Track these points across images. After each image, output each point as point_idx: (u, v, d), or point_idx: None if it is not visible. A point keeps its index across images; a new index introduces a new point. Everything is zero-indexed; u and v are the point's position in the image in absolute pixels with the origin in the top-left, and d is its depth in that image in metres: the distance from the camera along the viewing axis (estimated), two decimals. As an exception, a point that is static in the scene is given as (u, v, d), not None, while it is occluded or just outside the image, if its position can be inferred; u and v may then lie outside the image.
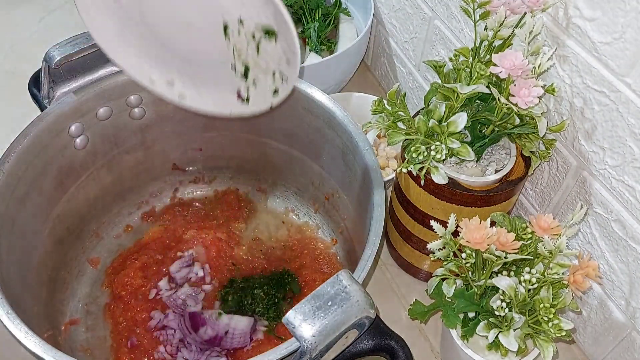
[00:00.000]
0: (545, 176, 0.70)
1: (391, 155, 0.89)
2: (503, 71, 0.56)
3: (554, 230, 0.55)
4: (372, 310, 0.48)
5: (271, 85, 0.60)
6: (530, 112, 0.58)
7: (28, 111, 0.72)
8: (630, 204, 0.59)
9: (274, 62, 0.58)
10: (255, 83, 0.61)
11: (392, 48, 0.97)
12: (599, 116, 0.59)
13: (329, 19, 1.00)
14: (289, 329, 0.46)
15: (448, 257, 0.59)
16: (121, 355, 0.70)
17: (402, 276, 0.81)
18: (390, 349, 0.52)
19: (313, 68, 0.88)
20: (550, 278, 0.55)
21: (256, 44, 0.58)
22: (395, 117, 0.64)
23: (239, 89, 0.62)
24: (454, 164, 0.66)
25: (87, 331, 0.73)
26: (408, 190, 0.69)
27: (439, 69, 0.65)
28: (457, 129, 0.60)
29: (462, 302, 0.59)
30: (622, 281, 0.63)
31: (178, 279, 0.76)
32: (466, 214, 0.64)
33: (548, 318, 0.54)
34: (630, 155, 0.57)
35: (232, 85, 0.63)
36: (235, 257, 0.79)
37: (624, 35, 0.53)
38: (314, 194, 0.81)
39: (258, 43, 0.58)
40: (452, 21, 0.77)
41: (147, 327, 0.72)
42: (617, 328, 0.66)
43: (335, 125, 0.69)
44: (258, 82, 0.61)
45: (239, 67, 0.61)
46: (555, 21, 0.60)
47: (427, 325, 0.76)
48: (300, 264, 0.78)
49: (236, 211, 0.84)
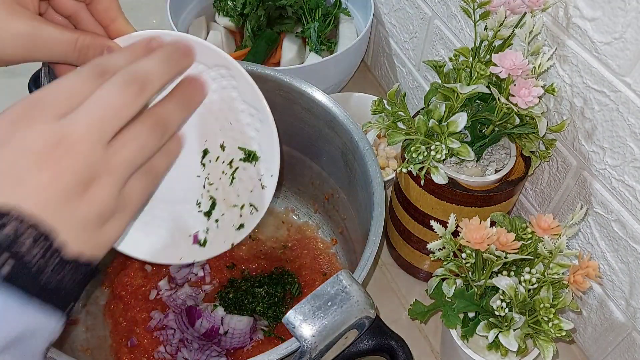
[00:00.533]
0: (545, 176, 0.70)
1: (391, 155, 0.89)
2: (503, 71, 0.56)
3: (554, 230, 0.55)
4: (372, 310, 0.48)
5: (236, 221, 0.55)
6: (530, 112, 0.58)
7: (28, 111, 0.72)
8: (630, 204, 0.59)
9: (246, 192, 0.54)
10: (217, 223, 0.56)
11: (392, 48, 0.97)
12: (599, 116, 0.59)
13: (329, 19, 1.00)
14: (289, 329, 0.46)
15: (448, 257, 0.59)
16: (121, 355, 0.70)
17: (402, 276, 0.81)
18: (390, 349, 0.52)
19: (313, 68, 0.88)
20: (550, 278, 0.55)
21: (232, 172, 0.54)
22: (395, 117, 0.64)
23: (197, 232, 0.55)
24: (454, 164, 0.66)
25: (87, 331, 0.73)
26: (408, 190, 0.69)
27: (439, 69, 0.65)
28: (457, 129, 0.60)
29: (462, 302, 0.59)
30: (622, 281, 0.63)
31: (178, 279, 0.76)
32: (466, 214, 0.64)
33: (548, 318, 0.54)
34: (630, 155, 0.57)
35: (190, 228, 0.56)
36: (235, 257, 0.78)
37: (624, 35, 0.53)
38: (314, 194, 0.81)
39: (234, 171, 0.54)
40: (452, 21, 0.77)
41: (147, 327, 0.72)
42: (617, 328, 0.66)
43: (335, 125, 0.69)
44: (221, 222, 0.56)
45: (204, 203, 0.55)
46: (555, 21, 0.60)
47: (427, 325, 0.76)
48: (300, 264, 0.78)
49: (236, 211, 0.84)
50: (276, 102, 0.74)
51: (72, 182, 0.34)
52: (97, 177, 0.35)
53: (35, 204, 0.33)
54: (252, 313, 0.72)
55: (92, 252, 0.36)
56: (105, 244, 0.37)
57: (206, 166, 0.53)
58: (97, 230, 0.36)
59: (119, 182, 0.36)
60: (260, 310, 0.72)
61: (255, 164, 0.53)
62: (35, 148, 0.34)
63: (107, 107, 0.36)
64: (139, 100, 0.37)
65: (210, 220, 0.56)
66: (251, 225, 0.55)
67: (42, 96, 0.36)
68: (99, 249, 0.37)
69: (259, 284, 0.74)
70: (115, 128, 0.36)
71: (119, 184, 0.36)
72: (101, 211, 0.36)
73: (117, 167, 0.36)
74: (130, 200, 0.38)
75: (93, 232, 0.36)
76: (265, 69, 0.72)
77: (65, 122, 0.35)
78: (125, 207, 0.38)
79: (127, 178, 0.37)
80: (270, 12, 0.99)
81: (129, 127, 0.37)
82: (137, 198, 0.38)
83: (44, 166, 0.34)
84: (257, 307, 0.72)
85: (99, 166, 0.35)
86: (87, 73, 0.37)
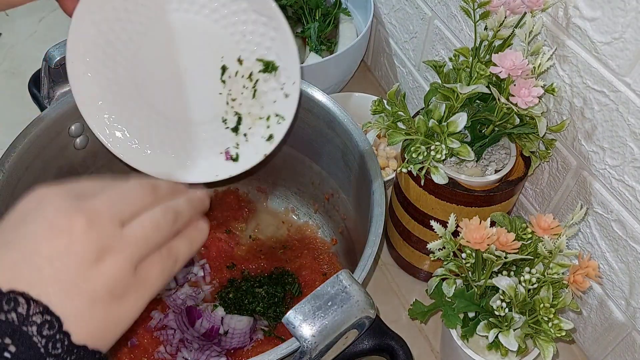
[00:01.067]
0: (545, 176, 0.70)
1: (391, 155, 0.89)
2: (503, 71, 0.56)
3: (554, 230, 0.55)
4: (372, 310, 0.48)
5: (265, 133, 0.57)
6: (530, 112, 0.58)
7: (28, 111, 0.72)
8: (630, 204, 0.59)
9: (270, 103, 0.55)
10: (247, 136, 0.58)
11: (392, 48, 0.97)
12: (599, 116, 0.59)
13: (329, 19, 1.00)
14: (289, 329, 0.46)
15: (448, 257, 0.59)
16: (121, 356, 0.70)
17: (402, 276, 0.81)
18: (390, 349, 0.52)
19: (313, 68, 0.88)
20: (550, 278, 0.55)
21: (253, 85, 0.55)
22: (395, 117, 0.64)
23: (227, 148, 0.58)
24: (454, 164, 0.66)
25: (87, 331, 0.72)
26: (408, 190, 0.69)
27: (439, 69, 0.65)
28: (457, 129, 0.60)
29: (462, 302, 0.59)
30: (622, 281, 0.63)
31: (178, 279, 0.76)
32: (466, 214, 0.64)
33: (548, 318, 0.54)
34: (630, 155, 0.57)
35: (220, 146, 0.59)
36: (235, 257, 0.78)
37: (624, 35, 0.53)
38: (314, 194, 0.81)
39: (255, 84, 0.55)
40: (452, 21, 0.77)
41: (147, 327, 0.72)
42: (617, 328, 0.66)
43: (335, 125, 0.69)
44: (250, 135, 0.58)
45: (231, 120, 0.57)
46: (555, 21, 0.60)
47: (427, 325, 0.76)
48: (300, 264, 0.78)
49: (236, 211, 0.84)
50: (276, 102, 0.74)
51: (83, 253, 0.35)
52: (109, 251, 0.36)
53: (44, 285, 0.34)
54: (252, 313, 0.72)
55: (101, 334, 0.36)
56: (116, 325, 0.38)
57: (226, 83, 0.54)
58: (108, 308, 0.36)
59: (133, 257, 0.37)
60: (260, 310, 0.72)
61: (275, 74, 0.54)
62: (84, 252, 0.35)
63: (152, 226, 0.38)
64: (172, 227, 0.40)
65: (239, 136, 0.57)
66: (280, 135, 0.56)
67: (120, 198, 0.38)
68: (110, 331, 0.37)
69: (259, 284, 0.74)
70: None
71: (132, 258, 0.37)
72: (113, 285, 0.36)
73: (130, 241, 0.37)
74: (147, 280, 0.38)
75: (104, 310, 0.36)
76: (265, 69, 0.72)
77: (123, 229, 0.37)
78: (141, 287, 0.38)
79: (142, 256, 0.38)
80: (270, 12, 0.99)
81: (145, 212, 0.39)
82: (154, 278, 0.39)
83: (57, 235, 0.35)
84: (257, 307, 0.72)
85: (112, 240, 0.36)
86: (148, 190, 0.40)
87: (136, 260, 0.37)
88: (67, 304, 0.34)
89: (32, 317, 0.33)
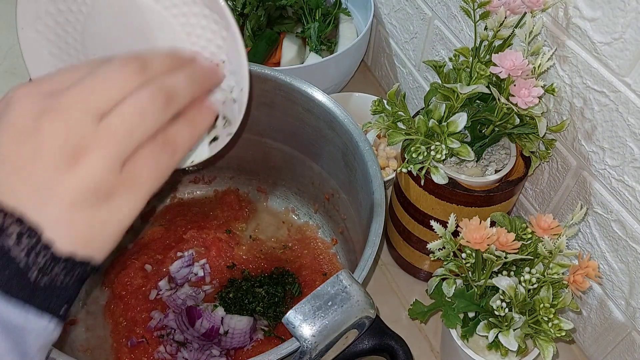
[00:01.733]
0: (545, 176, 0.70)
1: (391, 155, 0.89)
2: (503, 71, 0.56)
3: (554, 230, 0.55)
4: (372, 310, 0.48)
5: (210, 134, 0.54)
6: (530, 112, 0.58)
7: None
8: (630, 204, 0.59)
9: (219, 103, 0.52)
10: None
11: (392, 48, 0.97)
12: (599, 116, 0.59)
13: (329, 19, 1.00)
14: (289, 329, 0.46)
15: (448, 257, 0.59)
16: (121, 355, 0.70)
17: (402, 276, 0.81)
18: (390, 349, 0.52)
19: (313, 68, 0.88)
20: (550, 278, 0.55)
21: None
22: (395, 117, 0.64)
23: None
24: (454, 164, 0.66)
25: (87, 331, 0.73)
26: (408, 190, 0.69)
27: (439, 69, 0.65)
28: (457, 129, 0.60)
29: (462, 302, 0.59)
30: (622, 281, 0.63)
31: (178, 279, 0.76)
32: (466, 214, 0.64)
33: (548, 318, 0.54)
34: (630, 155, 0.57)
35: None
36: (235, 257, 0.78)
37: (624, 36, 0.53)
38: (314, 194, 0.81)
39: None
40: (452, 21, 0.77)
41: (147, 327, 0.72)
42: (617, 328, 0.66)
43: (335, 125, 0.69)
44: None
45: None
46: (555, 21, 0.60)
47: (427, 325, 0.76)
48: (300, 264, 0.78)
49: (236, 211, 0.84)
50: (276, 102, 0.74)
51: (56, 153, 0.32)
52: (85, 149, 0.32)
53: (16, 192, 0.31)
54: (252, 313, 0.72)
55: (89, 239, 0.33)
56: (106, 229, 0.34)
57: None
58: (93, 211, 0.32)
59: (115, 153, 0.32)
60: (260, 310, 0.72)
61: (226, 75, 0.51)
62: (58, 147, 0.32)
63: (135, 114, 0.33)
64: (164, 112, 0.35)
65: None
66: (224, 139, 0.53)
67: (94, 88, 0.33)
68: (99, 235, 0.33)
69: (259, 284, 0.74)
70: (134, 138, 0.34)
71: (114, 155, 0.32)
72: (94, 187, 0.32)
73: (109, 136, 0.32)
74: (138, 177, 0.34)
75: (88, 213, 0.32)
76: (265, 69, 0.72)
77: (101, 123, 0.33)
78: (132, 185, 0.33)
79: (128, 149, 0.33)
80: (270, 12, 0.99)
81: (128, 98, 0.34)
82: (147, 173, 0.34)
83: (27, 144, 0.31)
84: (257, 307, 0.72)
85: (87, 137, 0.32)
86: (133, 70, 0.35)
87: (121, 156, 0.33)
88: (44, 211, 0.31)
89: (7, 230, 0.31)
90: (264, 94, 0.74)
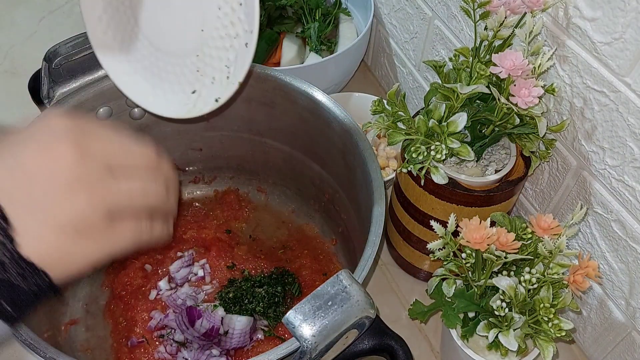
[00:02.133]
0: (545, 176, 0.70)
1: (391, 155, 0.89)
2: (503, 71, 0.56)
3: (554, 230, 0.55)
4: (372, 310, 0.48)
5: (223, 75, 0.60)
6: (530, 112, 0.58)
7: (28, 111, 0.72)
8: (630, 204, 0.59)
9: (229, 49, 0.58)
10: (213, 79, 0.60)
11: (392, 48, 0.97)
12: (599, 116, 0.59)
13: (329, 19, 1.00)
14: (289, 329, 0.46)
15: (448, 257, 0.59)
16: (121, 355, 0.70)
17: (402, 276, 0.81)
18: (390, 349, 0.52)
19: (313, 68, 0.88)
20: (550, 278, 0.55)
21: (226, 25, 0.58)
22: (395, 117, 0.64)
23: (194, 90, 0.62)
24: (454, 164, 0.66)
25: (87, 331, 0.73)
26: (408, 190, 0.69)
27: (439, 69, 0.65)
28: (457, 129, 0.60)
29: (462, 302, 0.59)
30: (622, 281, 0.63)
31: (178, 279, 0.76)
32: (466, 214, 0.64)
33: (548, 318, 0.54)
34: (630, 155, 0.57)
35: (189, 85, 0.61)
36: (235, 257, 0.78)
37: (624, 35, 0.53)
38: (314, 194, 0.81)
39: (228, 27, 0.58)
40: (452, 21, 0.77)
41: (147, 327, 0.72)
42: (617, 328, 0.66)
43: (335, 125, 0.69)
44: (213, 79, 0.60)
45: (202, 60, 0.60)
46: (555, 21, 0.60)
47: (427, 325, 0.76)
48: (300, 264, 0.78)
49: (236, 211, 0.84)
50: (276, 102, 0.74)
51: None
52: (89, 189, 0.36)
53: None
54: (252, 313, 0.72)
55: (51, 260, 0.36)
56: (68, 260, 0.37)
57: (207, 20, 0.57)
58: (68, 239, 0.36)
59: (111, 204, 0.37)
60: (260, 310, 0.72)
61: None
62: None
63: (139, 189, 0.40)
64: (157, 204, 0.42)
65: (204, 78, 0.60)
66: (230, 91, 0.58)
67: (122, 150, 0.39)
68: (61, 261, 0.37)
69: (259, 284, 0.74)
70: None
71: (109, 205, 0.37)
72: (78, 220, 0.36)
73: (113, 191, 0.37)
74: (117, 234, 0.39)
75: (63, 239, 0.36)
76: (265, 69, 0.72)
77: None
78: (108, 237, 0.38)
79: (121, 209, 0.38)
80: (270, 12, 0.99)
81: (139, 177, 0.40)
82: (124, 236, 0.39)
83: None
84: (257, 307, 0.72)
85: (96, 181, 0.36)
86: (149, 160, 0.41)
87: (113, 210, 0.37)
88: (26, 219, 0.34)
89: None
90: (264, 94, 0.74)
